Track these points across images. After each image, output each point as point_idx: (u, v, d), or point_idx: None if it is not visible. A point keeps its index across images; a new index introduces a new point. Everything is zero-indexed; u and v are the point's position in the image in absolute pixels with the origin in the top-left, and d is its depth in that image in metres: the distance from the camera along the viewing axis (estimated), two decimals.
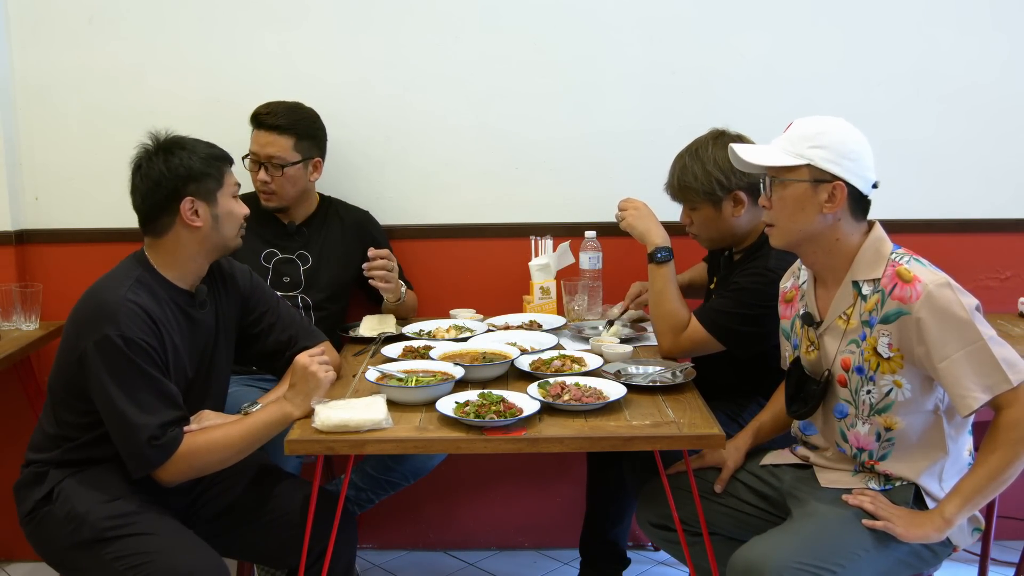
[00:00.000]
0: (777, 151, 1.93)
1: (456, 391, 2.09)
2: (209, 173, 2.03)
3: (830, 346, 1.98)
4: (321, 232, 2.77)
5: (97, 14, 2.88)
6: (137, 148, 2.06)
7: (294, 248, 2.73)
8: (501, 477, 3.15)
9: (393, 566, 3.07)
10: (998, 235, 3.00)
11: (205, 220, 2.03)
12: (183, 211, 2.00)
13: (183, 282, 2.07)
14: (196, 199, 2.01)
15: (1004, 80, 2.92)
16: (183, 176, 2.00)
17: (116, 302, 1.93)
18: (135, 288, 1.97)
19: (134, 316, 1.92)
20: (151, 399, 1.91)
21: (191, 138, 2.08)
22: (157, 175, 2.00)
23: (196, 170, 2.01)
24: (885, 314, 1.86)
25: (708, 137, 2.41)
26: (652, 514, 2.25)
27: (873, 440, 1.94)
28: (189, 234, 2.03)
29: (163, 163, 2.01)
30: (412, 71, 2.92)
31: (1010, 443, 1.78)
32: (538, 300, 2.80)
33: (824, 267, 1.99)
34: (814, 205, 1.89)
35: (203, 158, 2.04)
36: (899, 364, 1.87)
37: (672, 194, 2.46)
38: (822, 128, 1.90)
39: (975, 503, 1.84)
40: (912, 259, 1.89)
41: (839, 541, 1.83)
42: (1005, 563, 2.86)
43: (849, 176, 1.87)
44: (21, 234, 2.96)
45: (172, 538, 1.94)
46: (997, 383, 1.78)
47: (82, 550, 1.94)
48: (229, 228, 2.08)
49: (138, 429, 1.89)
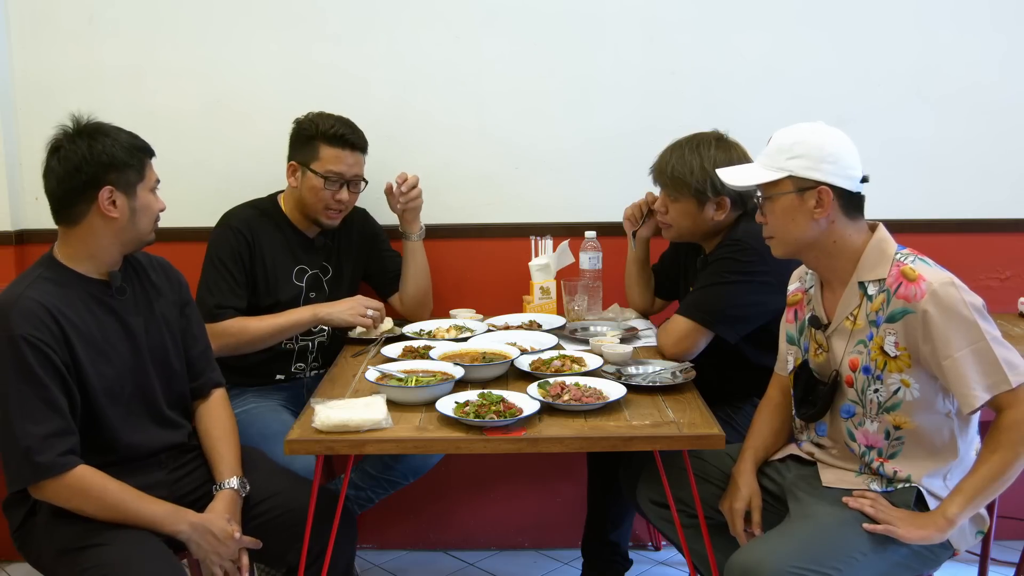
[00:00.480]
0: (759, 168, 1.96)
1: (456, 391, 2.09)
2: (131, 164, 1.95)
3: (838, 347, 1.98)
4: (336, 241, 2.77)
5: (97, 14, 2.88)
6: (56, 128, 1.97)
7: (318, 261, 2.71)
8: (501, 477, 3.15)
9: (393, 566, 3.07)
10: (998, 235, 3.00)
11: (122, 212, 1.95)
12: (101, 200, 1.92)
13: (95, 272, 2.00)
14: (116, 190, 1.93)
15: (1004, 80, 2.92)
16: (105, 164, 1.92)
17: (10, 301, 1.87)
18: (36, 284, 1.91)
19: (28, 313, 1.85)
20: (36, 405, 1.84)
21: (114, 126, 2.00)
22: (78, 159, 1.91)
23: (119, 159, 1.93)
24: (891, 313, 1.87)
25: (710, 136, 2.41)
26: (653, 492, 2.24)
27: (882, 438, 1.94)
28: (104, 225, 1.95)
29: (86, 147, 1.92)
30: (412, 71, 2.92)
31: (1011, 444, 1.79)
32: (538, 300, 2.80)
33: (828, 270, 1.99)
34: (804, 213, 1.91)
35: (126, 148, 1.95)
36: (906, 363, 1.87)
37: (660, 180, 2.45)
38: (797, 137, 1.92)
39: (977, 503, 1.84)
40: (917, 259, 1.90)
41: (837, 544, 1.83)
42: (1005, 563, 2.86)
43: (831, 179, 1.88)
44: (21, 234, 2.96)
45: (133, 549, 1.87)
46: (997, 383, 1.79)
47: (60, 561, 1.92)
48: (145, 223, 2.00)
49: (17, 437, 1.83)
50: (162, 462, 2.08)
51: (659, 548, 3.12)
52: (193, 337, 2.21)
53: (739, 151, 2.40)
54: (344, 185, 2.60)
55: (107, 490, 1.90)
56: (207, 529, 1.95)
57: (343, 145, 2.58)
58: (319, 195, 2.59)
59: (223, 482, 2.06)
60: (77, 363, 1.92)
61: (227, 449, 2.12)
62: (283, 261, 2.65)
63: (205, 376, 2.22)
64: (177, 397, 2.16)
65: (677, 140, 2.44)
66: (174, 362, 2.14)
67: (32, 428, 1.84)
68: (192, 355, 2.20)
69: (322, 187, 2.58)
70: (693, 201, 2.39)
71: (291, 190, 2.67)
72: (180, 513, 1.96)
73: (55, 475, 1.86)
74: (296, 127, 2.64)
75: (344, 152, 2.59)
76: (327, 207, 2.61)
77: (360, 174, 2.65)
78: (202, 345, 2.23)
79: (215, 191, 2.81)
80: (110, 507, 1.90)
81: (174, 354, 2.14)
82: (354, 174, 2.63)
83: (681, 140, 2.43)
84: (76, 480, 1.87)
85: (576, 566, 2.93)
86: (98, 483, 1.90)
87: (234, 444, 2.15)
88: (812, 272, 2.08)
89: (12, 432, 1.84)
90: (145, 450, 2.05)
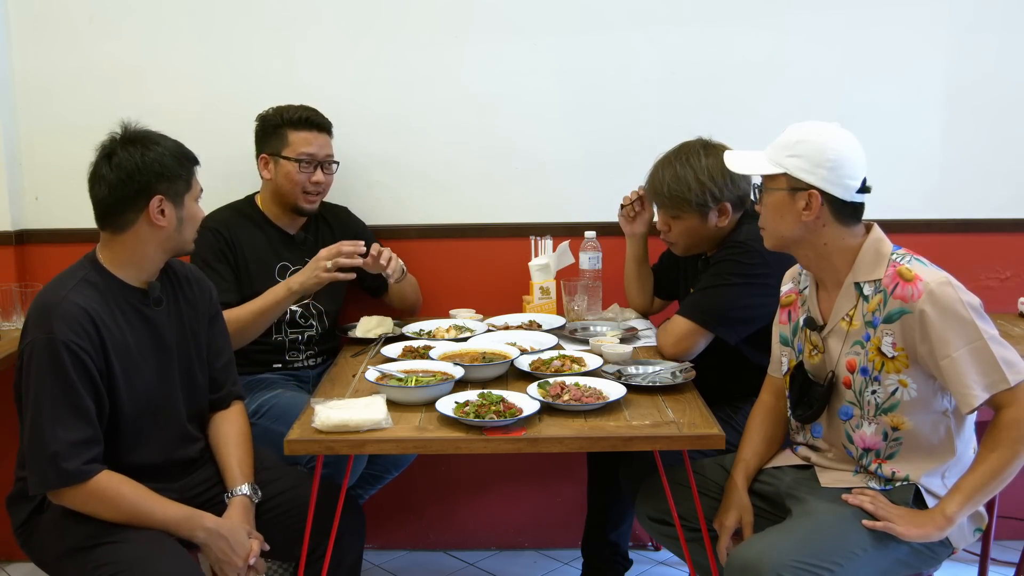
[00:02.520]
0: (762, 158, 1.96)
1: (456, 391, 2.09)
2: (180, 174, 1.96)
3: (834, 348, 1.98)
4: (318, 237, 2.77)
5: (97, 14, 2.89)
6: (107, 136, 1.97)
7: (300, 258, 2.71)
8: (501, 477, 3.15)
9: (393, 566, 3.07)
10: (998, 235, 3.00)
11: (170, 222, 1.96)
12: (151, 209, 1.92)
13: (136, 280, 2.00)
14: (166, 199, 1.94)
15: (1004, 80, 2.92)
16: (157, 172, 1.92)
17: (55, 303, 1.87)
18: (80, 287, 1.91)
19: (69, 317, 1.85)
20: (68, 411, 1.84)
21: (160, 133, 2.00)
22: (131, 167, 1.91)
23: (171, 168, 1.94)
24: (888, 313, 1.87)
25: (696, 145, 2.40)
26: (651, 508, 2.25)
27: (880, 439, 1.94)
28: (151, 233, 1.95)
29: (139, 155, 1.92)
30: (412, 71, 2.92)
31: (1009, 442, 1.79)
32: (538, 300, 2.80)
33: (820, 270, 1.99)
34: (793, 212, 1.91)
35: (176, 156, 1.97)
36: (904, 364, 1.87)
37: (658, 201, 2.44)
38: (803, 136, 1.91)
39: (976, 501, 1.84)
40: (913, 259, 1.90)
41: (837, 540, 1.83)
42: (1005, 563, 2.86)
43: (824, 185, 1.88)
44: (21, 234, 2.96)
45: (149, 547, 1.87)
46: (996, 382, 1.79)
47: (68, 558, 1.92)
48: (189, 232, 2.02)
49: (46, 441, 1.83)
50: (173, 475, 2.07)
51: (659, 548, 3.12)
52: (218, 349, 2.20)
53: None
54: (318, 167, 2.66)
55: (123, 495, 1.89)
56: (222, 536, 1.94)
57: (310, 127, 2.66)
58: (295, 179, 2.63)
59: (235, 488, 2.06)
60: (111, 372, 1.92)
61: (240, 455, 2.11)
62: (264, 259, 2.66)
63: (226, 389, 2.21)
64: (197, 411, 2.15)
65: (663, 155, 2.43)
66: (198, 376, 2.14)
67: (62, 434, 1.84)
68: (216, 368, 2.19)
69: (297, 171, 2.63)
70: (696, 215, 2.38)
71: (266, 184, 2.71)
72: (196, 519, 1.95)
73: (80, 483, 1.86)
74: (260, 121, 2.69)
75: (311, 134, 2.65)
76: (304, 191, 2.66)
77: (331, 155, 2.71)
78: (226, 358, 2.23)
79: (215, 191, 2.79)
80: (127, 511, 1.90)
81: (199, 368, 2.14)
82: (325, 154, 2.68)
83: (668, 155, 2.42)
84: (95, 485, 1.87)
85: (576, 566, 2.93)
86: (114, 487, 1.89)
87: (247, 451, 2.14)
88: (806, 273, 2.07)
89: (42, 435, 1.84)
90: (162, 460, 2.05)
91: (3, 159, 2.88)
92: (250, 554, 1.95)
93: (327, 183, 2.70)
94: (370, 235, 2.84)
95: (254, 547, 1.97)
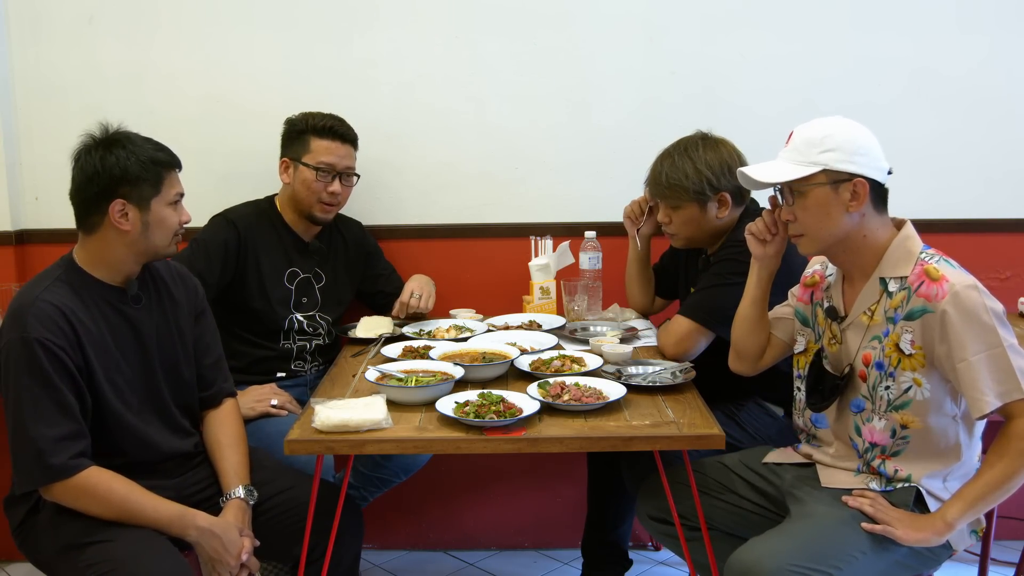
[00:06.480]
0: (788, 164, 1.91)
1: (456, 391, 2.09)
2: (145, 178, 1.93)
3: (852, 341, 1.97)
4: (331, 248, 2.78)
5: (97, 14, 2.89)
6: (82, 136, 1.98)
7: (310, 266, 2.72)
8: (501, 477, 3.15)
9: (393, 566, 3.07)
10: (998, 235, 3.00)
11: (134, 226, 1.94)
12: (111, 213, 1.92)
13: (112, 279, 1.99)
14: (128, 203, 1.92)
15: (1004, 80, 2.92)
16: (116, 177, 1.91)
17: (27, 304, 1.87)
18: (53, 287, 1.91)
19: (43, 316, 1.86)
20: (49, 408, 1.84)
21: (142, 136, 1.99)
22: (91, 171, 1.92)
23: (131, 173, 1.92)
24: (910, 311, 1.86)
25: (696, 138, 2.42)
26: (651, 507, 2.25)
27: (888, 436, 1.93)
28: (116, 236, 1.95)
29: (99, 159, 1.92)
30: (412, 71, 2.92)
31: (1017, 453, 1.78)
32: (538, 300, 2.80)
33: (853, 265, 1.98)
34: (839, 206, 1.89)
35: (142, 161, 1.94)
36: (920, 362, 1.86)
37: (658, 192, 2.46)
38: (827, 131, 1.89)
39: (977, 509, 1.84)
40: (942, 259, 1.88)
41: (836, 543, 1.83)
42: (1005, 563, 2.86)
43: (866, 170, 1.87)
44: (21, 234, 2.96)
45: (140, 545, 1.87)
46: (1010, 391, 1.78)
47: (61, 557, 1.92)
48: (160, 236, 1.99)
49: (30, 440, 1.83)
50: (169, 470, 2.07)
51: (659, 548, 3.12)
52: (206, 346, 2.20)
53: (727, 147, 2.41)
54: (336, 177, 2.64)
55: (114, 491, 1.90)
56: (215, 534, 1.94)
57: (333, 137, 2.63)
58: (312, 188, 2.62)
59: (230, 492, 2.06)
60: (89, 367, 1.92)
61: (235, 458, 2.11)
62: (276, 262, 2.66)
63: (217, 386, 2.21)
64: (187, 405, 2.15)
65: (664, 150, 2.45)
66: (184, 372, 2.13)
67: (45, 430, 1.84)
68: (205, 365, 2.19)
69: (314, 179, 2.61)
70: (695, 205, 2.39)
71: (284, 188, 2.69)
72: (188, 517, 1.95)
73: (66, 477, 1.86)
74: (288, 125, 2.67)
75: (334, 144, 2.63)
76: (320, 200, 2.64)
77: (352, 167, 2.69)
78: (215, 355, 2.23)
79: (214, 191, 2.81)
80: (117, 508, 1.90)
81: (185, 365, 2.13)
82: (345, 166, 2.66)
83: (668, 148, 2.44)
84: (85, 481, 1.88)
85: (576, 566, 2.93)
86: (105, 483, 1.90)
87: (242, 453, 2.14)
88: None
89: (25, 434, 1.85)
90: (155, 454, 2.05)
91: (3, 159, 2.88)
92: (241, 551, 1.95)
93: (344, 195, 2.69)
94: (380, 254, 2.87)
95: (246, 544, 1.97)
